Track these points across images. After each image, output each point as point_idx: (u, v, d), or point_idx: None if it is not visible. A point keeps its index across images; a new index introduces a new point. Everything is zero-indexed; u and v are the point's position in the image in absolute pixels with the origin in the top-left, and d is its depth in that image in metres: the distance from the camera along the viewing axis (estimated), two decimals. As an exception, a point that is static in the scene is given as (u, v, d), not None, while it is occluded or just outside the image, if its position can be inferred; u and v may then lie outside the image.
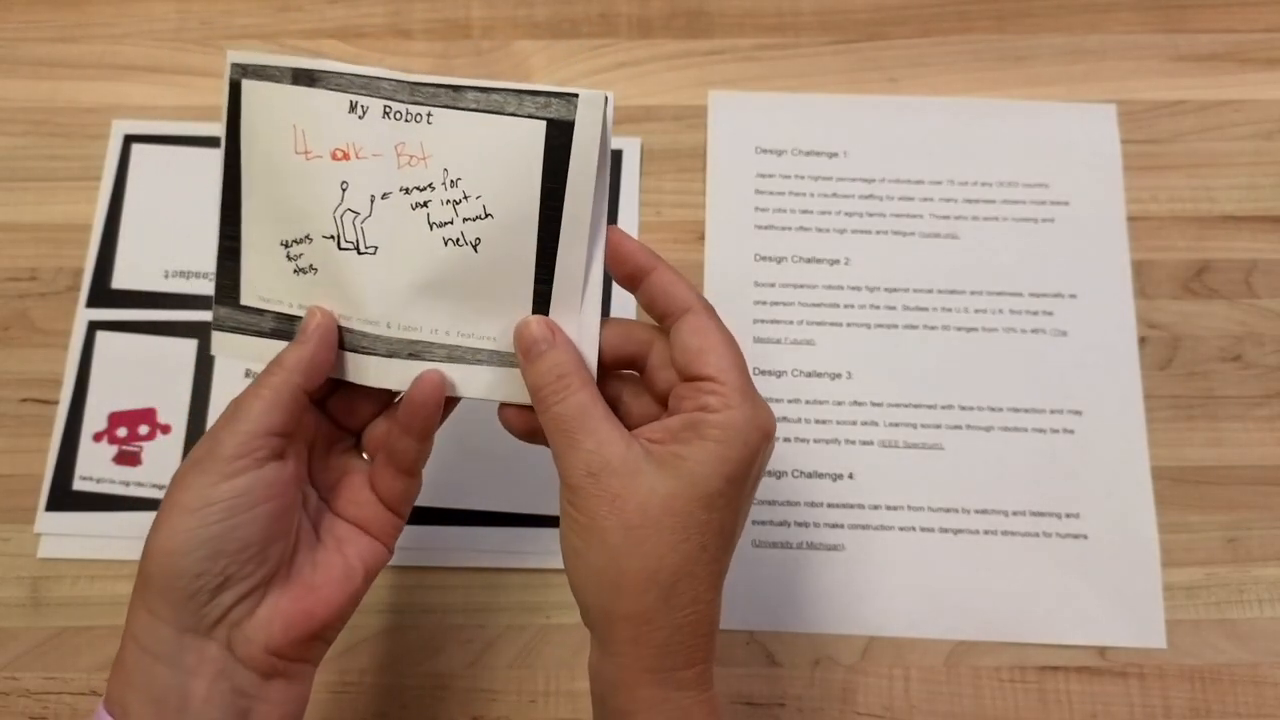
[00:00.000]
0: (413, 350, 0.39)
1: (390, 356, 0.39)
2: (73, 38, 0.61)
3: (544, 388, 0.37)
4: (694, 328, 0.38)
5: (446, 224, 0.38)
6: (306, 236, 0.39)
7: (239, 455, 0.36)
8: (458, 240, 0.38)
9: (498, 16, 0.62)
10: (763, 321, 0.56)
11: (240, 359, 0.43)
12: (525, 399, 0.39)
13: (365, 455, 0.42)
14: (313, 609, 0.37)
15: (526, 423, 0.40)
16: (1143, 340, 0.55)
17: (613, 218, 0.57)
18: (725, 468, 0.35)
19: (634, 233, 0.57)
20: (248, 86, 0.39)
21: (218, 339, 0.41)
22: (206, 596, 0.35)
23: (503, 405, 0.40)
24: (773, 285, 0.56)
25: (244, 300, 0.40)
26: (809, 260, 0.57)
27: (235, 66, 0.39)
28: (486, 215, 0.38)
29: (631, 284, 0.39)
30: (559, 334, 0.38)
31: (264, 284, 0.40)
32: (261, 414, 0.37)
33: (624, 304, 0.55)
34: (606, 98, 0.37)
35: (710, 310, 0.38)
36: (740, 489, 0.36)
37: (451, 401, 0.40)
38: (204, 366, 0.54)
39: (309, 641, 0.38)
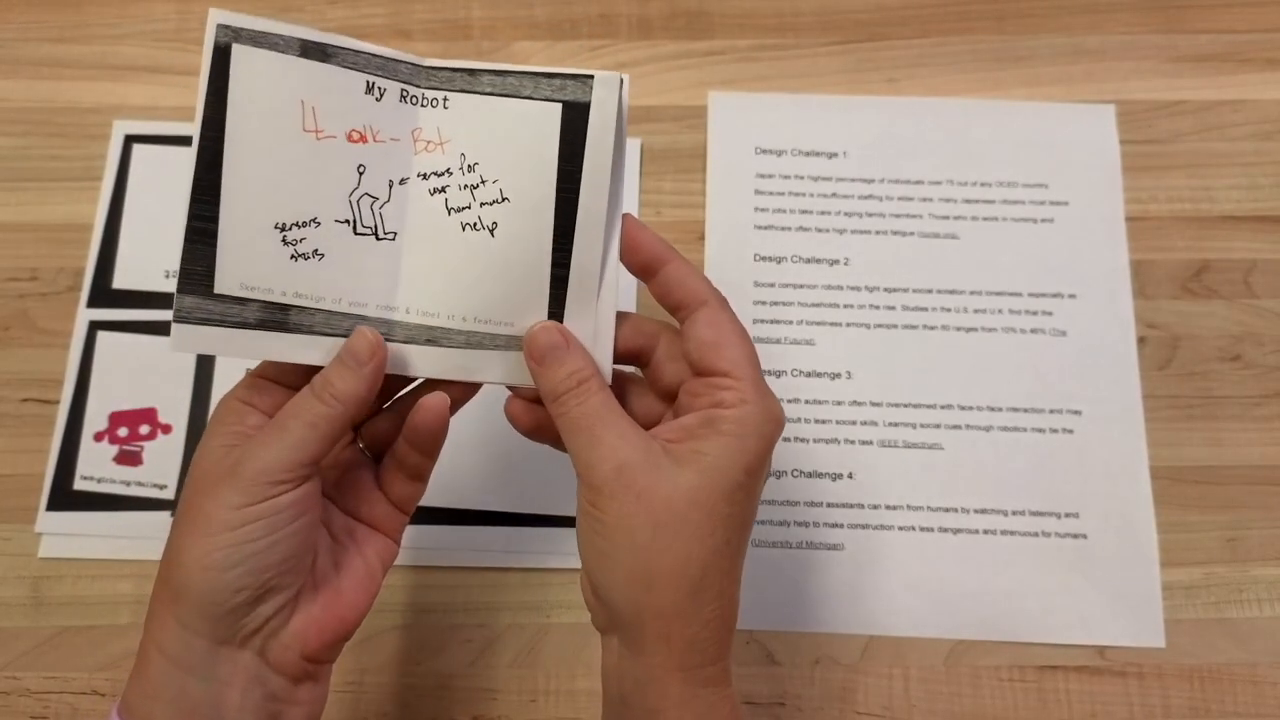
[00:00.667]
0: (430, 336, 0.39)
1: (407, 343, 0.38)
2: (73, 38, 0.61)
3: (565, 393, 0.37)
4: (708, 321, 0.38)
5: (464, 209, 0.38)
6: (313, 220, 0.37)
7: (279, 480, 0.35)
8: (475, 225, 0.38)
9: (498, 17, 0.62)
10: (763, 321, 0.56)
11: (214, 353, 0.41)
12: None
13: (367, 451, 0.42)
14: (343, 613, 0.38)
15: (534, 418, 0.40)
16: (1142, 340, 0.55)
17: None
18: (744, 459, 0.36)
19: (634, 233, 0.57)
20: (240, 53, 0.36)
21: (181, 333, 0.37)
22: (246, 610, 0.35)
23: (510, 401, 0.40)
24: (773, 285, 0.56)
25: (220, 289, 0.37)
26: (809, 260, 0.57)
27: (223, 29, 0.36)
28: (503, 200, 0.38)
29: (645, 275, 0.39)
30: (572, 339, 0.38)
31: (248, 270, 0.37)
32: (307, 442, 0.36)
33: (627, 301, 0.56)
34: (622, 79, 0.37)
35: (724, 304, 0.39)
36: (757, 480, 0.37)
37: (472, 388, 0.40)
38: (204, 366, 0.54)
39: (338, 643, 0.38)
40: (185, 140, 0.58)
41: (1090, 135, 0.59)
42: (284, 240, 0.37)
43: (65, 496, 0.52)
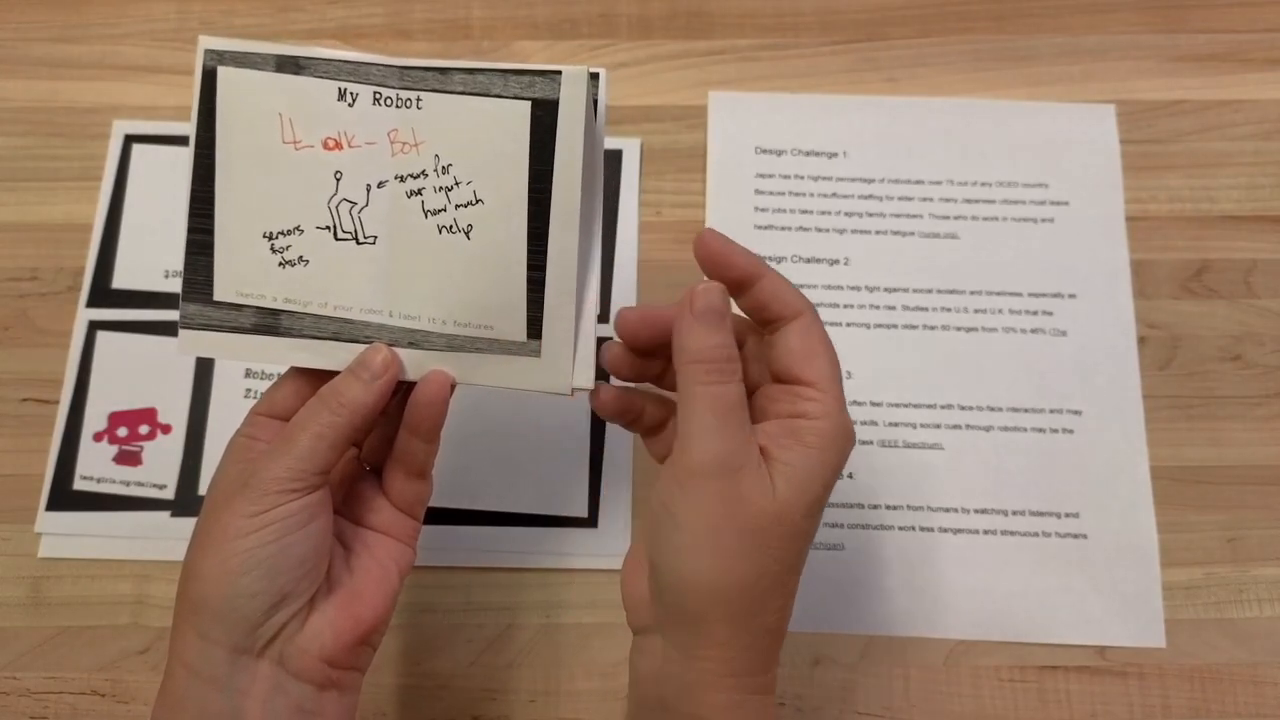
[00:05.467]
0: (412, 339, 0.39)
1: (391, 346, 0.39)
2: (73, 38, 0.61)
3: (713, 362, 0.35)
4: (803, 330, 0.37)
5: (440, 211, 0.38)
6: (297, 228, 0.39)
7: (289, 489, 0.36)
8: (451, 228, 0.38)
9: (498, 16, 0.62)
10: (763, 321, 0.56)
11: (215, 356, 0.43)
12: (523, 385, 0.39)
13: (366, 466, 0.42)
14: (359, 613, 0.38)
15: (620, 402, 0.40)
16: (1142, 340, 0.55)
17: (612, 217, 0.57)
18: (824, 474, 0.36)
19: (633, 233, 0.57)
20: (225, 74, 0.38)
21: (187, 338, 0.40)
22: (262, 616, 0.36)
23: (599, 388, 0.40)
24: (773, 285, 0.56)
25: (218, 296, 0.39)
26: (809, 260, 0.57)
27: (210, 53, 0.38)
28: (477, 201, 0.38)
29: (737, 291, 0.38)
30: (730, 315, 0.37)
31: (242, 278, 0.39)
32: (316, 452, 0.37)
33: (626, 301, 0.55)
34: (593, 73, 0.37)
35: (817, 314, 0.38)
36: (829, 495, 0.36)
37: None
38: (204, 366, 0.54)
39: (358, 647, 0.38)
40: (185, 140, 0.58)
41: (1090, 135, 0.59)
42: (272, 248, 0.39)
43: (65, 496, 0.52)
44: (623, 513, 0.52)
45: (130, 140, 0.59)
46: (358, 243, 0.39)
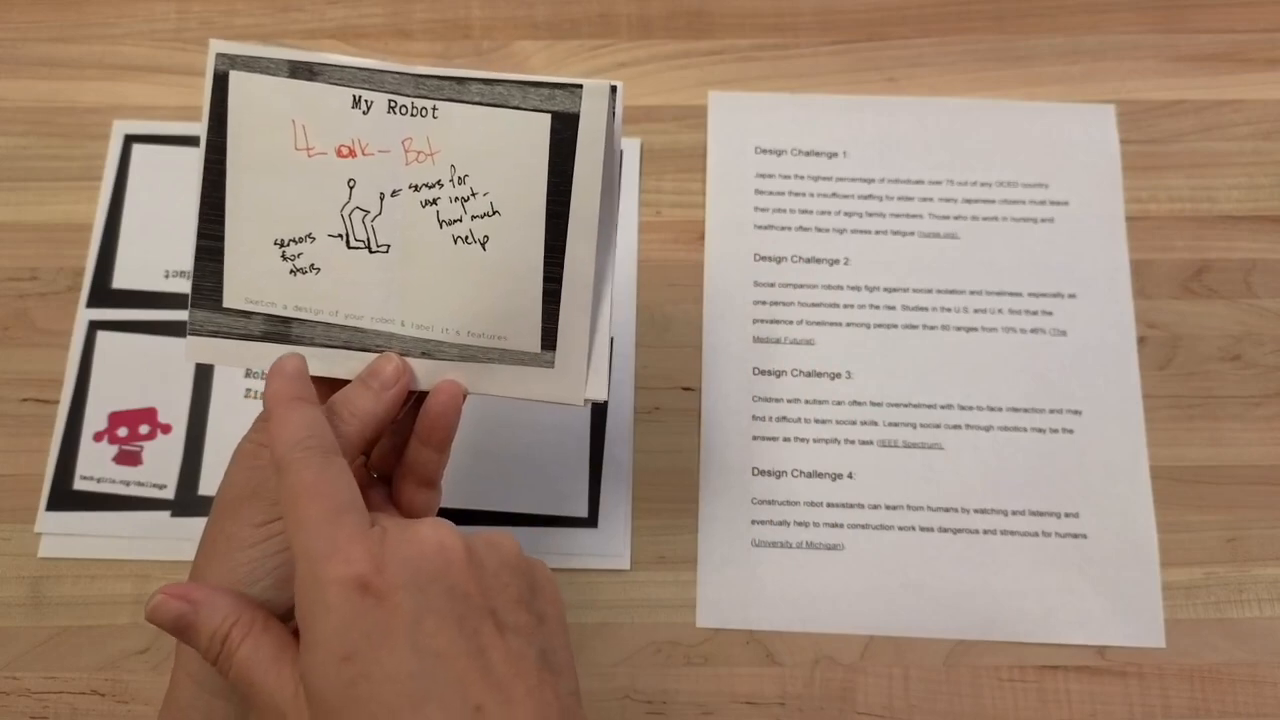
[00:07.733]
0: (424, 349, 0.39)
1: (403, 355, 0.39)
2: (73, 38, 0.61)
3: (215, 657, 0.34)
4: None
5: (455, 222, 0.38)
6: (309, 235, 0.39)
7: None
8: (466, 238, 0.38)
9: (498, 16, 0.62)
10: (762, 321, 0.56)
11: (223, 364, 0.42)
12: (536, 395, 0.39)
13: (374, 475, 0.42)
14: None
15: None
16: (1142, 340, 0.55)
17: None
18: None
19: (633, 233, 0.57)
20: (236, 79, 0.38)
21: (195, 344, 0.40)
22: None
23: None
24: (772, 285, 0.56)
25: (227, 303, 0.39)
26: (808, 260, 0.57)
27: (221, 57, 0.38)
28: (494, 212, 0.38)
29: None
30: (200, 595, 0.34)
31: (252, 285, 0.39)
32: None
33: (626, 301, 0.55)
34: (613, 88, 0.37)
35: None
36: None
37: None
38: (205, 366, 0.54)
39: None
40: (185, 140, 0.58)
41: (1090, 135, 0.59)
42: (283, 256, 0.39)
43: (65, 496, 0.52)
44: (623, 513, 0.52)
45: (130, 140, 0.59)
46: (370, 251, 0.38)
